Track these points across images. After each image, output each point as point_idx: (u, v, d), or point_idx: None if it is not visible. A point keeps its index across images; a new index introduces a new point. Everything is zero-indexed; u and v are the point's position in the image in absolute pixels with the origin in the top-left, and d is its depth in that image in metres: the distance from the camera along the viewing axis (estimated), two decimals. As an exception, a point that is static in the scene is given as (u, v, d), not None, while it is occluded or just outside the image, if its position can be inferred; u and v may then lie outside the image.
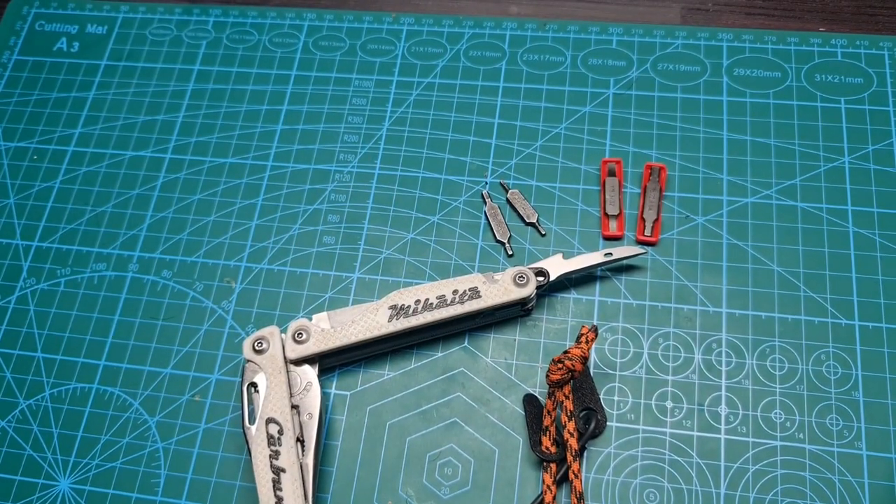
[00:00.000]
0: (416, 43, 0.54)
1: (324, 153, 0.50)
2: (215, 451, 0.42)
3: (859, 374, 0.41)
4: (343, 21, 0.56)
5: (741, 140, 0.48)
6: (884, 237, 0.45)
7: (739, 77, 0.50)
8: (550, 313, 0.44)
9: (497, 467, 0.40)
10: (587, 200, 0.47)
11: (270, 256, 0.47)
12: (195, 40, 0.56)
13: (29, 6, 0.59)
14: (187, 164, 0.51)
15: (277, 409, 0.38)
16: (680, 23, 0.54)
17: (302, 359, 0.40)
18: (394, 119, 0.51)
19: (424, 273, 0.46)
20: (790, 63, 0.51)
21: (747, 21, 0.54)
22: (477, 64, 0.53)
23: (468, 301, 0.41)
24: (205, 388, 0.43)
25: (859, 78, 0.50)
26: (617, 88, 0.51)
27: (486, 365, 0.43)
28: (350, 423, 0.42)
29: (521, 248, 0.46)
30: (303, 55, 0.55)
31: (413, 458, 0.41)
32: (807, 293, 0.43)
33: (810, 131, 0.48)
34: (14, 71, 0.56)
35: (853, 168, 0.47)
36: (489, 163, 0.49)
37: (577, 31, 0.54)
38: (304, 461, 0.38)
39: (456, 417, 0.42)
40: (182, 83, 0.54)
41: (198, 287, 0.46)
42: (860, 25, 0.53)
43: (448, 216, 0.48)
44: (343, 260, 0.47)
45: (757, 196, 0.46)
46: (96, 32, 0.57)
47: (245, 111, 0.53)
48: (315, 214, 0.48)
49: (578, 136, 0.49)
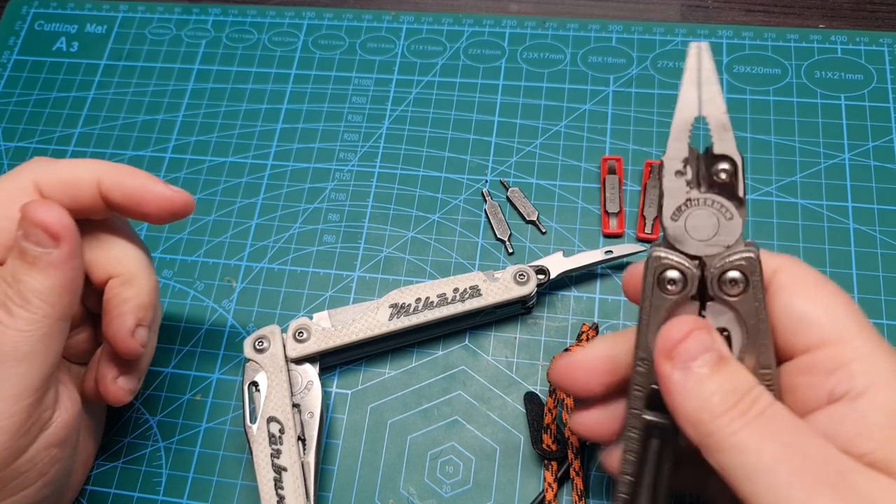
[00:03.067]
0: (415, 41, 0.54)
1: (324, 152, 0.50)
2: (216, 450, 0.42)
3: (860, 371, 0.41)
4: (342, 19, 0.56)
5: (741, 137, 0.48)
6: (884, 234, 0.45)
7: (739, 74, 0.50)
8: (551, 311, 0.44)
9: (498, 465, 0.40)
10: (587, 198, 0.47)
11: (271, 255, 0.47)
12: (194, 39, 0.56)
13: (28, 6, 0.59)
14: (187, 163, 0.51)
15: (278, 408, 0.38)
16: (680, 20, 0.54)
17: (303, 357, 0.40)
18: (394, 117, 0.51)
19: (425, 271, 0.46)
20: (790, 60, 0.51)
21: (747, 18, 0.54)
22: (477, 62, 0.53)
23: (469, 299, 0.41)
24: (206, 387, 0.43)
25: (859, 74, 0.50)
26: (617, 86, 0.51)
27: (486, 363, 0.43)
28: (351, 421, 0.42)
29: (522, 246, 0.46)
30: (302, 54, 0.55)
31: (414, 457, 0.41)
32: (807, 290, 0.43)
33: (810, 128, 0.48)
34: (14, 71, 0.56)
35: (853, 165, 0.47)
36: (489, 161, 0.49)
37: (577, 28, 0.54)
38: (306, 460, 0.38)
39: (457, 416, 0.42)
40: (182, 82, 0.54)
41: (198, 286, 0.46)
42: (860, 22, 0.53)
43: (448, 214, 0.48)
44: (343, 259, 0.47)
45: (757, 193, 0.46)
46: (96, 32, 0.57)
47: (245, 110, 0.53)
48: (315, 213, 0.48)
49: (578, 134, 0.49)
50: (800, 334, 0.27)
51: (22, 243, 0.30)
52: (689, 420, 0.25)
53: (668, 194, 0.28)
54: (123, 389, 0.36)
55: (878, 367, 0.26)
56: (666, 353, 0.26)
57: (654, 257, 0.28)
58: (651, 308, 0.28)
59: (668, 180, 0.28)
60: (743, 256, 0.27)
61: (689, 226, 0.28)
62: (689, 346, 0.26)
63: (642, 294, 0.28)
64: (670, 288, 0.28)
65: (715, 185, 0.27)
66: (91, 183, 0.34)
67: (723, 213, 0.27)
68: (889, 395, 0.25)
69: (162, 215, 0.35)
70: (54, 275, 0.30)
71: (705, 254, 0.28)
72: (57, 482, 0.34)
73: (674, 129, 0.28)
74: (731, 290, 0.27)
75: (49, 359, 0.31)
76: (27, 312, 0.30)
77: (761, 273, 0.27)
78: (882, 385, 0.25)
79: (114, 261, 0.36)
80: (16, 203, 0.33)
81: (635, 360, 0.29)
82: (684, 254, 0.28)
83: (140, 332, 0.35)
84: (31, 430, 0.31)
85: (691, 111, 0.28)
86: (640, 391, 0.29)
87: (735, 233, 0.27)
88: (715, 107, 0.27)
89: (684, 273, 0.28)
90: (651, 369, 0.28)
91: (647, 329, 0.28)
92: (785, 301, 0.28)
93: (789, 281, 0.28)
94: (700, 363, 0.26)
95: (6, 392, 0.29)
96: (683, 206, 0.28)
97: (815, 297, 0.28)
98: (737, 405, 0.25)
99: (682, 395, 0.26)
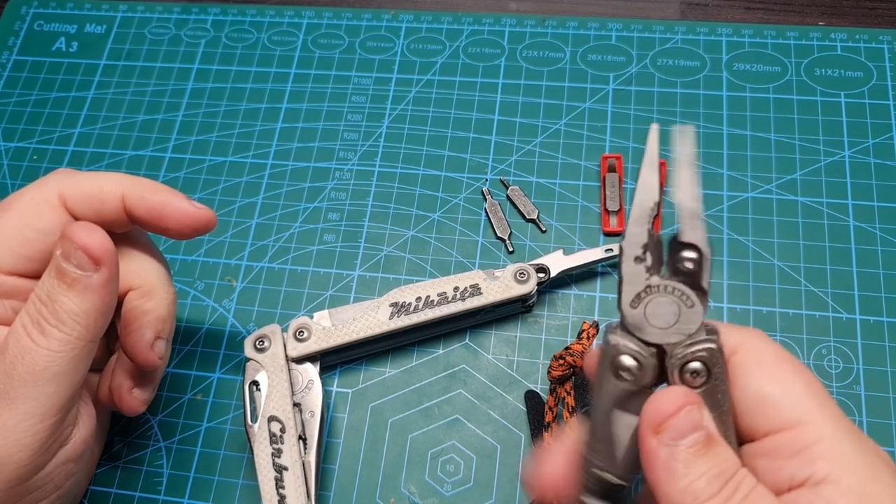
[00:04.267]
0: (415, 40, 0.54)
1: (324, 151, 0.50)
2: (217, 449, 0.42)
3: (860, 369, 0.41)
4: (342, 18, 0.56)
5: (741, 135, 0.48)
6: (884, 231, 0.45)
7: (739, 72, 0.50)
8: (551, 310, 0.44)
9: (499, 464, 0.40)
10: (587, 196, 0.47)
11: (271, 255, 0.47)
12: (194, 39, 0.56)
13: (27, 6, 0.59)
14: (187, 162, 0.51)
15: (279, 408, 0.38)
16: (679, 18, 0.54)
17: (303, 357, 0.40)
18: (393, 116, 0.51)
19: (425, 270, 0.46)
20: (790, 57, 0.51)
21: (746, 16, 0.54)
22: (476, 61, 0.53)
23: (469, 298, 0.41)
24: (206, 386, 0.43)
25: (859, 72, 0.50)
26: (616, 84, 0.51)
27: (487, 362, 0.43)
28: (352, 420, 0.42)
29: (522, 245, 0.46)
30: (302, 53, 0.55)
31: (415, 456, 0.41)
32: (807, 287, 0.43)
33: (810, 126, 0.48)
34: (13, 71, 0.56)
35: (853, 162, 0.47)
36: (489, 159, 0.49)
37: (577, 26, 0.54)
38: (307, 459, 0.38)
39: (457, 414, 0.42)
40: (181, 82, 0.54)
41: (199, 286, 0.46)
42: (859, 19, 0.53)
43: (448, 213, 0.48)
44: (344, 258, 0.47)
45: (757, 191, 0.46)
46: (95, 32, 0.57)
47: (244, 110, 0.53)
48: (315, 212, 0.48)
49: (578, 132, 0.49)
50: (759, 417, 0.26)
51: (62, 264, 0.30)
52: (670, 500, 0.24)
53: (627, 281, 0.27)
54: (139, 400, 0.36)
55: (840, 449, 0.25)
56: (653, 426, 0.25)
57: (612, 345, 0.26)
58: (605, 395, 0.27)
59: (626, 266, 0.27)
60: (704, 348, 0.26)
61: (649, 313, 0.26)
62: (679, 423, 0.25)
63: (597, 379, 0.27)
64: (625, 376, 0.26)
65: (679, 272, 0.26)
66: (116, 197, 0.34)
67: (684, 302, 0.26)
68: (853, 479, 0.24)
69: (184, 231, 0.35)
70: (91, 298, 0.30)
71: (665, 342, 0.26)
72: (70, 494, 0.35)
73: (633, 214, 0.27)
74: (693, 381, 0.26)
75: (76, 379, 0.31)
76: (61, 333, 0.30)
77: (724, 364, 0.26)
78: (846, 469, 0.24)
79: (133, 273, 0.36)
80: (41, 215, 0.33)
81: (588, 449, 0.27)
82: (642, 341, 0.27)
83: (159, 345, 0.35)
84: (52, 447, 0.31)
85: (652, 195, 0.27)
86: (590, 481, 0.27)
87: (696, 321, 0.26)
88: (687, 193, 0.26)
89: (640, 361, 0.26)
90: (602, 458, 0.27)
91: (601, 417, 0.27)
92: (743, 382, 0.27)
93: (748, 360, 0.27)
94: (689, 442, 0.24)
95: (33, 410, 0.29)
96: (643, 292, 0.26)
97: (775, 377, 0.26)
98: (721, 490, 0.24)
99: (666, 474, 0.24)
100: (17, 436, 0.29)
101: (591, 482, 0.27)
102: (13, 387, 0.29)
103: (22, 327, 0.30)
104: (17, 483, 0.30)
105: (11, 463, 0.29)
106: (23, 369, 0.29)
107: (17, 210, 0.33)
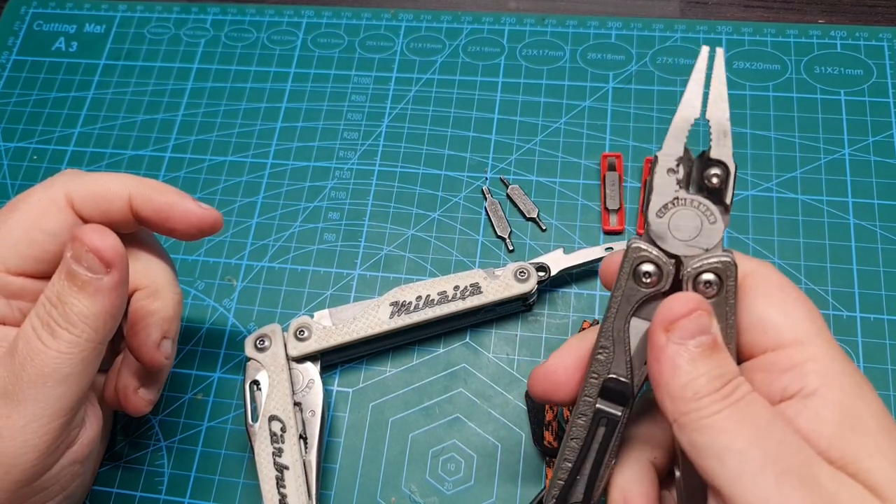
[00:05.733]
0: (414, 39, 0.54)
1: (323, 150, 0.50)
2: (218, 449, 0.42)
3: (861, 366, 0.41)
4: (341, 18, 0.56)
5: (741, 133, 0.48)
6: (884, 229, 0.44)
7: (739, 70, 0.50)
8: (552, 308, 0.44)
9: (500, 462, 0.40)
10: (587, 195, 0.47)
11: (271, 254, 0.47)
12: (193, 38, 0.56)
13: (27, 6, 0.59)
14: (187, 162, 0.51)
15: (280, 407, 0.38)
16: (679, 16, 0.54)
17: (304, 356, 0.40)
18: (393, 115, 0.51)
19: (425, 269, 0.46)
20: (789, 55, 0.51)
21: (746, 14, 0.54)
22: (476, 59, 0.53)
23: (469, 297, 0.41)
24: (207, 386, 0.43)
25: (859, 69, 0.50)
26: (616, 82, 0.51)
27: (487, 360, 0.43)
28: (352, 420, 0.42)
29: (522, 244, 0.46)
30: (301, 52, 0.55)
31: (416, 455, 0.41)
32: (808, 285, 0.43)
33: (810, 123, 0.48)
34: (13, 71, 0.56)
35: (853, 160, 0.47)
36: (489, 158, 0.49)
37: (576, 25, 0.54)
38: (307, 458, 0.38)
39: (458, 413, 0.42)
40: (181, 82, 0.54)
41: (199, 285, 0.46)
42: (859, 17, 0.53)
43: (448, 212, 0.48)
44: (344, 257, 0.47)
45: (757, 189, 0.46)
46: (94, 32, 0.57)
47: (244, 109, 0.53)
48: (315, 212, 0.48)
49: (578, 131, 0.49)
50: (759, 335, 0.28)
51: (72, 266, 0.30)
52: (671, 394, 0.26)
53: (657, 191, 0.28)
54: (144, 400, 0.36)
55: (830, 367, 0.26)
56: (665, 323, 0.27)
57: (634, 248, 0.28)
58: (622, 297, 0.29)
59: (659, 177, 0.28)
60: (720, 260, 0.28)
61: (673, 224, 0.28)
62: (689, 324, 0.26)
63: (616, 282, 0.29)
64: (645, 280, 0.28)
65: (704, 188, 0.28)
66: (122, 197, 0.34)
67: (707, 217, 0.28)
68: (840, 395, 0.26)
69: (191, 232, 0.35)
70: (101, 301, 0.30)
71: (683, 254, 0.28)
72: (76, 495, 0.35)
73: (673, 127, 0.28)
74: (705, 291, 0.28)
75: (85, 380, 0.31)
76: (70, 335, 0.30)
77: (736, 278, 0.28)
78: (833, 385, 0.26)
79: (140, 273, 0.36)
80: (48, 216, 0.33)
81: (596, 347, 0.29)
82: (663, 251, 0.28)
83: (165, 345, 0.35)
84: (60, 449, 0.31)
85: (693, 111, 0.28)
86: (595, 378, 0.29)
87: (716, 237, 0.28)
88: (720, 111, 0.28)
89: (660, 267, 0.28)
90: (611, 358, 0.29)
91: (615, 317, 0.29)
92: (748, 303, 0.28)
93: (755, 284, 0.29)
94: (695, 343, 0.26)
95: (41, 412, 0.30)
96: (670, 203, 0.28)
97: (777, 300, 0.28)
98: (720, 389, 0.25)
99: (670, 368, 0.26)
100: (25, 437, 0.29)
101: (596, 382, 0.29)
102: (22, 388, 0.29)
103: (31, 329, 0.30)
104: (25, 484, 0.30)
105: (19, 464, 0.29)
106: (32, 371, 0.29)
107: (24, 211, 0.33)
